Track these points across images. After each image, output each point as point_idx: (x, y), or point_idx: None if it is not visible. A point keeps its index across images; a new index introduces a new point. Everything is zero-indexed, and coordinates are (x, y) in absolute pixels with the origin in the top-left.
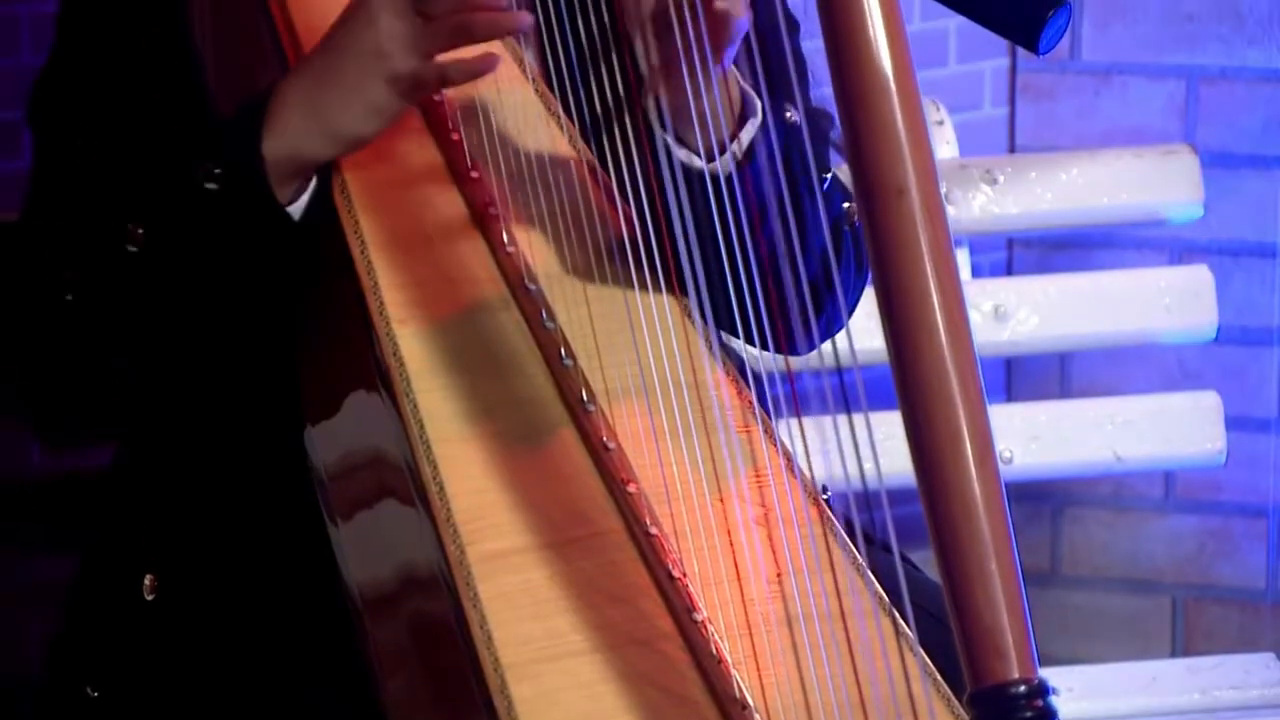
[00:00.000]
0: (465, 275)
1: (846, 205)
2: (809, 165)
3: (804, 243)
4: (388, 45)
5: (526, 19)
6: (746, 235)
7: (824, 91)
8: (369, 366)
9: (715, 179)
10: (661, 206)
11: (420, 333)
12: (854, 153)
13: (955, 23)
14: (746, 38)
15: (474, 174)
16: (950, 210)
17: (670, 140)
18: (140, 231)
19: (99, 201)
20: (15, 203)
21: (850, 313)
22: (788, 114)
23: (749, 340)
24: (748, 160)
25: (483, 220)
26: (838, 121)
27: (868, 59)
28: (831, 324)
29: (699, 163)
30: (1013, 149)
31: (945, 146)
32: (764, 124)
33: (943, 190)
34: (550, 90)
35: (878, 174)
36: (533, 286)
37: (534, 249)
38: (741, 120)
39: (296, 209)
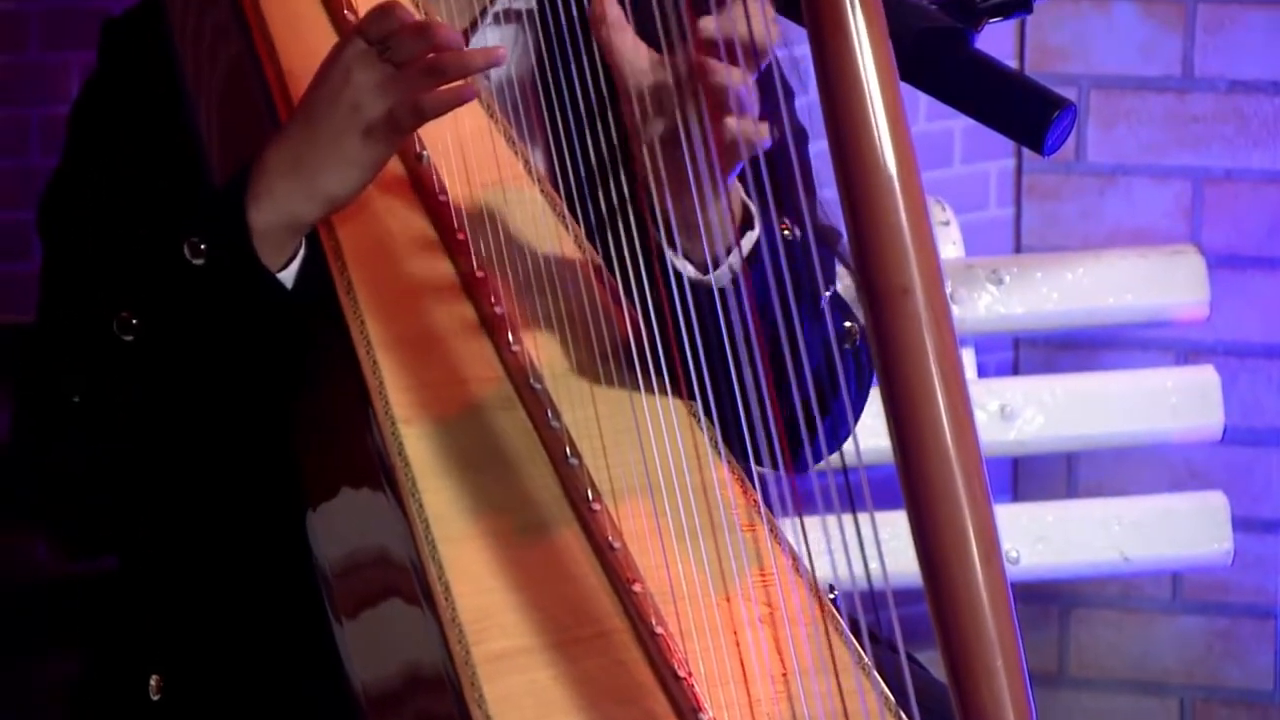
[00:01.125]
0: (471, 374)
1: (848, 324)
2: (808, 280)
3: (799, 359)
4: (360, 97)
5: (500, 53)
6: (742, 348)
7: (829, 193)
8: (373, 464)
9: (712, 290)
10: (667, 312)
11: (426, 433)
12: (859, 252)
13: (961, 123)
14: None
15: (480, 274)
16: (956, 310)
17: (668, 250)
18: (134, 320)
19: (94, 295)
20: (21, 305)
21: (854, 424)
22: (785, 230)
23: (754, 456)
24: (745, 273)
25: (489, 320)
26: (845, 232)
27: (872, 159)
28: (833, 437)
29: (694, 273)
30: (1018, 249)
31: (951, 246)
32: (761, 238)
33: (948, 290)
34: (556, 191)
35: (883, 273)
36: (538, 386)
37: (539, 348)
38: (741, 231)
39: (288, 276)
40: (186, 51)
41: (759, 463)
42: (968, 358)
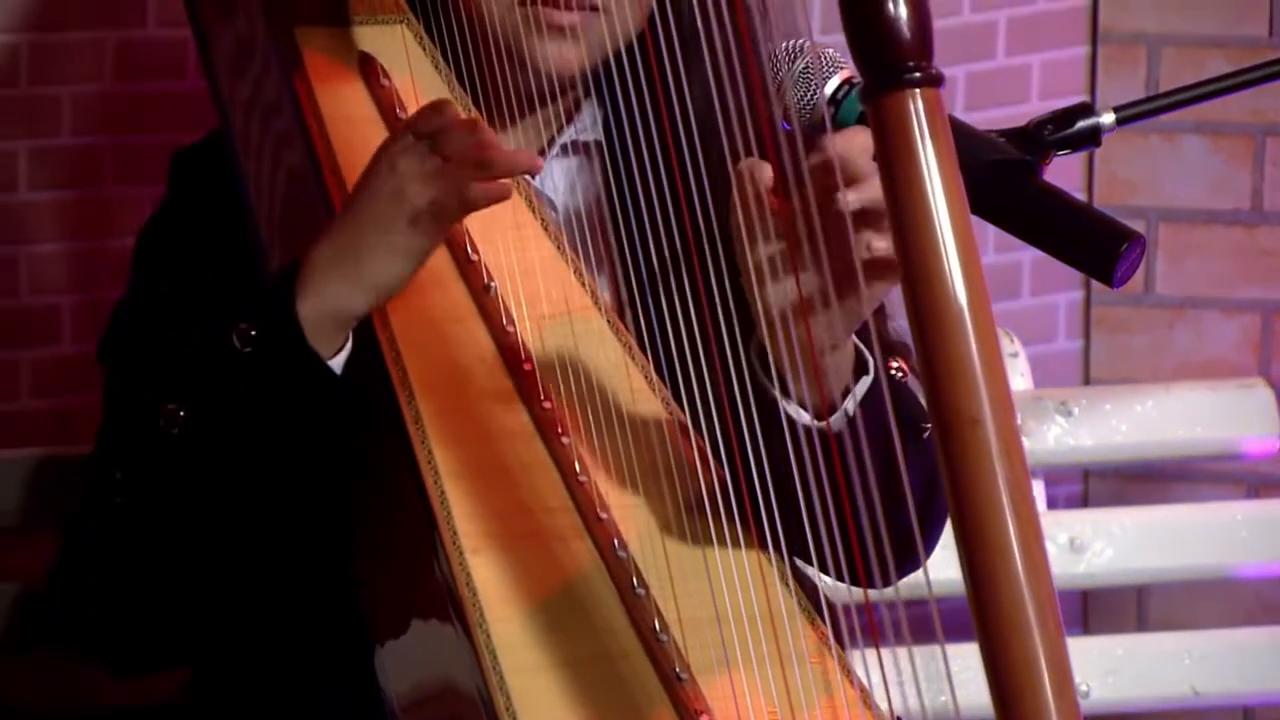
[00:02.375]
0: (538, 505)
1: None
2: (911, 416)
3: (899, 492)
4: (406, 186)
5: (538, 162)
6: (843, 487)
7: (900, 324)
8: (441, 593)
9: (827, 435)
10: (740, 449)
11: (493, 562)
12: (929, 383)
13: (1029, 255)
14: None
15: (546, 405)
16: (1025, 442)
17: (782, 399)
18: (180, 413)
19: (141, 394)
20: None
21: (930, 552)
22: (895, 368)
23: (824, 569)
24: (860, 415)
25: (555, 450)
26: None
27: (943, 291)
28: (914, 564)
29: (808, 419)
30: (1087, 381)
31: (1019, 378)
32: (876, 379)
33: (1018, 422)
34: (623, 322)
35: (953, 405)
36: (605, 515)
37: (606, 479)
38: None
39: (336, 365)
40: (250, 169)
41: (839, 578)
42: (1037, 489)
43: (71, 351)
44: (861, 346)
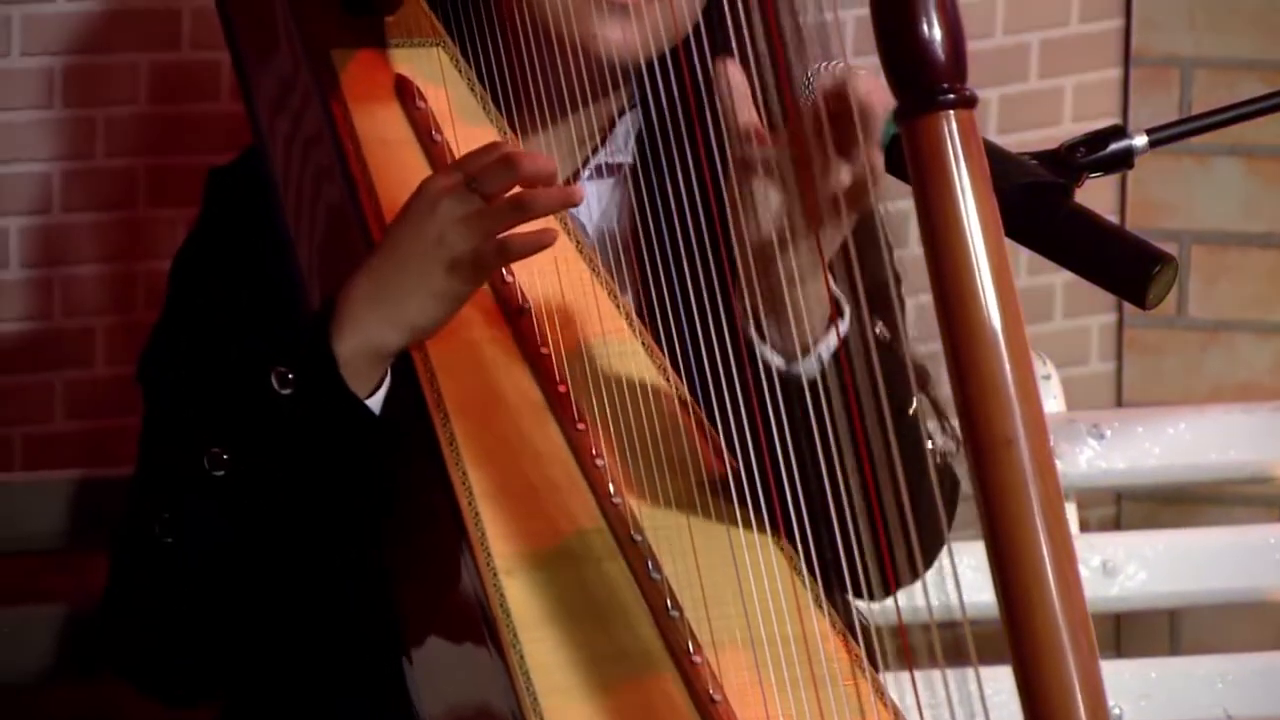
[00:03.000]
0: (571, 526)
1: (930, 445)
2: (898, 385)
3: (891, 460)
4: (446, 231)
5: (578, 193)
6: (835, 451)
7: (934, 348)
8: (474, 614)
9: (802, 387)
10: (761, 435)
11: (527, 584)
12: (963, 405)
13: (1062, 277)
14: (845, 252)
15: (580, 426)
16: (1058, 464)
17: (757, 339)
18: (224, 455)
19: (185, 434)
20: (125, 458)
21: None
22: (877, 329)
23: (853, 584)
24: (834, 364)
25: (589, 472)
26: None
27: (976, 313)
28: (927, 555)
29: (782, 363)
30: (1120, 403)
31: (1052, 400)
32: (852, 331)
33: (1051, 445)
34: (649, 327)
35: (986, 425)
36: (639, 538)
37: (641, 500)
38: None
39: (373, 404)
40: (288, 195)
41: (854, 583)
42: (1070, 512)
43: (105, 374)
44: (841, 298)
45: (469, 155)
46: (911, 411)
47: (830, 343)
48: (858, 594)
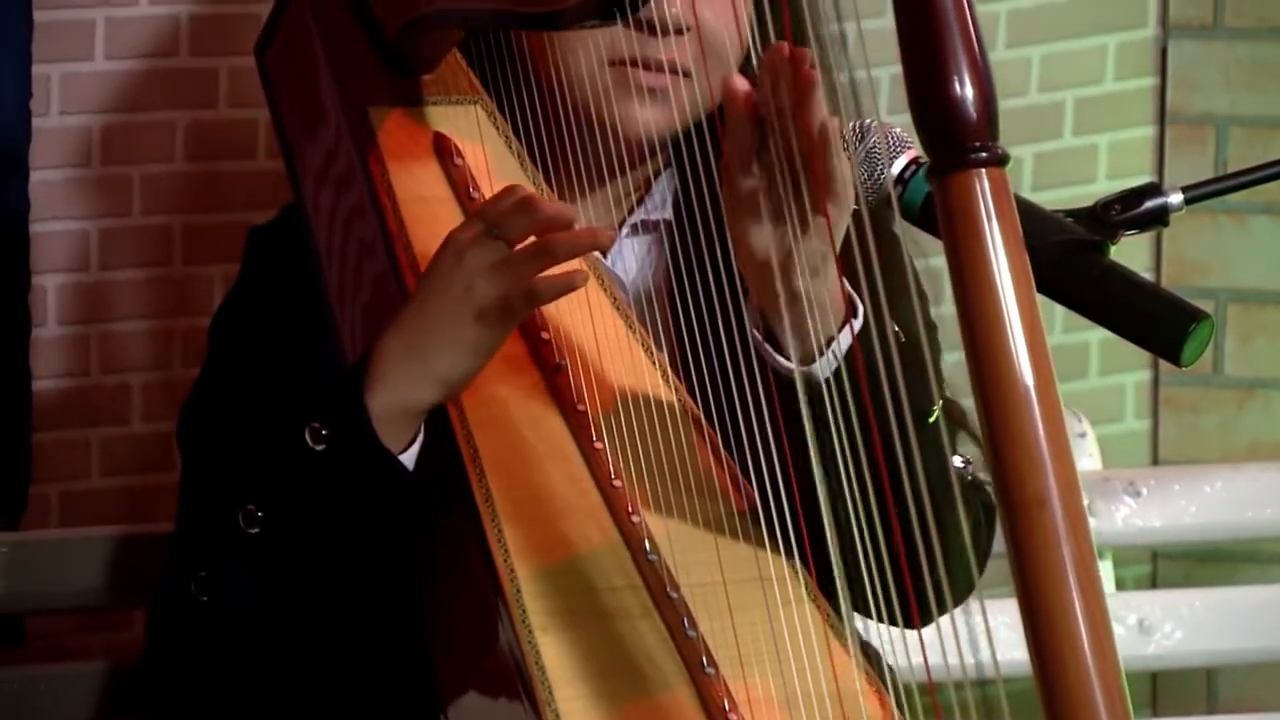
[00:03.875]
0: (606, 582)
1: (958, 460)
2: (917, 390)
3: (911, 472)
4: (473, 280)
5: (606, 234)
6: (855, 456)
7: (967, 403)
8: (510, 671)
9: (819, 385)
10: (790, 467)
11: (562, 641)
12: (995, 464)
13: (1098, 335)
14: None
15: (617, 483)
16: (1093, 522)
17: (767, 348)
18: (259, 512)
19: (221, 491)
20: (165, 514)
21: (977, 575)
22: (893, 329)
23: (875, 611)
24: (846, 368)
25: (624, 526)
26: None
27: (1008, 372)
28: (955, 585)
29: (784, 363)
30: (1156, 461)
31: (1087, 458)
32: (867, 331)
33: (1085, 502)
34: (684, 380)
35: (1018, 486)
36: (674, 594)
37: (675, 556)
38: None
39: (407, 459)
40: (327, 252)
41: (879, 608)
42: (1105, 570)
43: (142, 430)
44: (856, 297)
45: (489, 202)
46: (933, 420)
47: (845, 341)
48: (887, 619)
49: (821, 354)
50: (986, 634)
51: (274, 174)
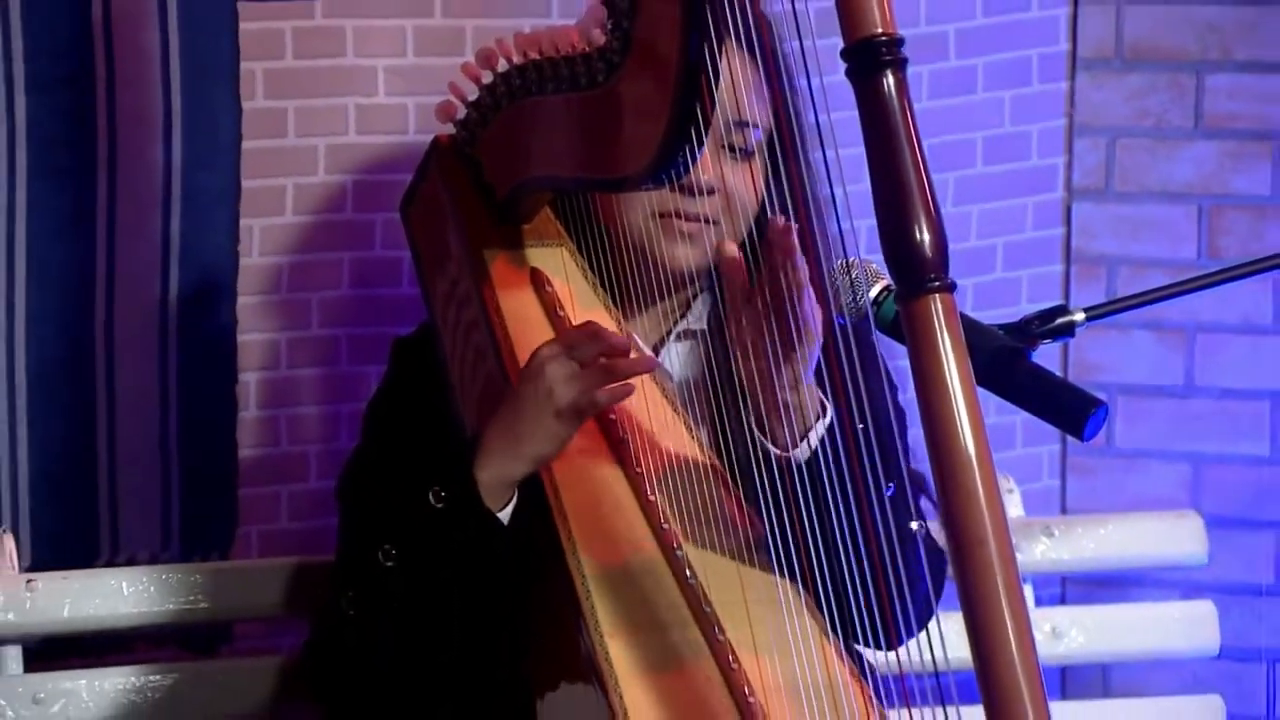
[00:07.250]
0: (658, 599)
1: (914, 525)
2: (874, 466)
3: (867, 535)
4: (554, 387)
5: (651, 361)
6: (823, 524)
7: (923, 467)
8: (586, 665)
9: (800, 468)
10: (796, 526)
11: (625, 643)
12: (947, 513)
13: (1021, 417)
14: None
15: (665, 526)
16: (1019, 556)
17: (758, 432)
18: (393, 551)
19: (366, 534)
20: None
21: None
22: (860, 425)
23: (856, 634)
24: (822, 452)
25: (670, 557)
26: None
27: (956, 443)
28: (916, 620)
29: (774, 449)
30: (1064, 511)
31: (1014, 509)
32: (833, 426)
33: (1014, 541)
34: (720, 458)
35: (965, 529)
36: (708, 609)
37: (708, 580)
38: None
39: (505, 515)
40: (452, 357)
41: (862, 637)
42: (1027, 592)
43: (316, 487)
44: (826, 402)
45: (568, 331)
46: (890, 491)
47: (819, 432)
48: (865, 643)
49: (795, 445)
50: (940, 638)
51: (414, 298)
